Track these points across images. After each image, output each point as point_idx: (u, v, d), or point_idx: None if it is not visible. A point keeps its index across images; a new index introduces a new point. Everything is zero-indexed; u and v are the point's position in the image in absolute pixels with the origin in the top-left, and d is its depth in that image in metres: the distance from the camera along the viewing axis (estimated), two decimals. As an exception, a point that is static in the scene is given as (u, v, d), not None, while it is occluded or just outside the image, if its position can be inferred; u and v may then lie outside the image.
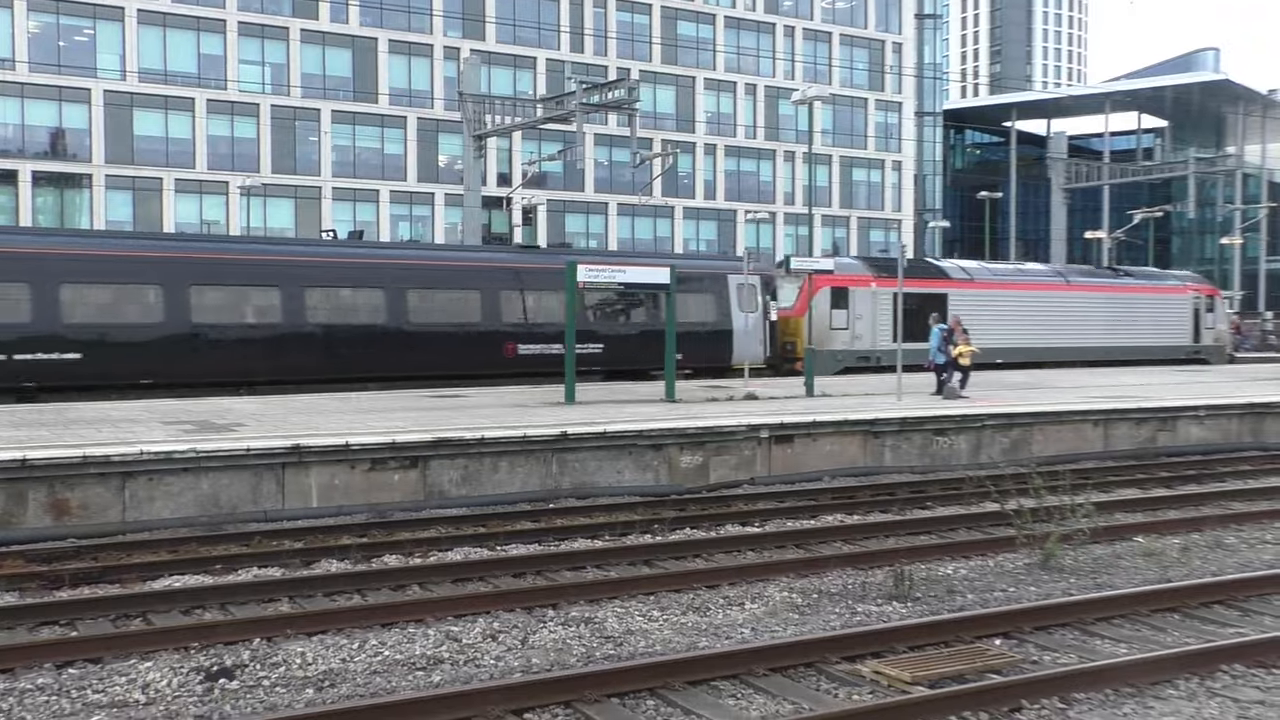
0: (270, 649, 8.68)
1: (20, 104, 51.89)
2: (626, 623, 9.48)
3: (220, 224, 55.31)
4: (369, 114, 59.33)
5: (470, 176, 36.33)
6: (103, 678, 8.05)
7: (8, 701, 7.56)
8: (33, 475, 13.07)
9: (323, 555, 11.97)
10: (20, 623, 9.37)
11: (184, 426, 15.98)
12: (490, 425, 16.54)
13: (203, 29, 55.37)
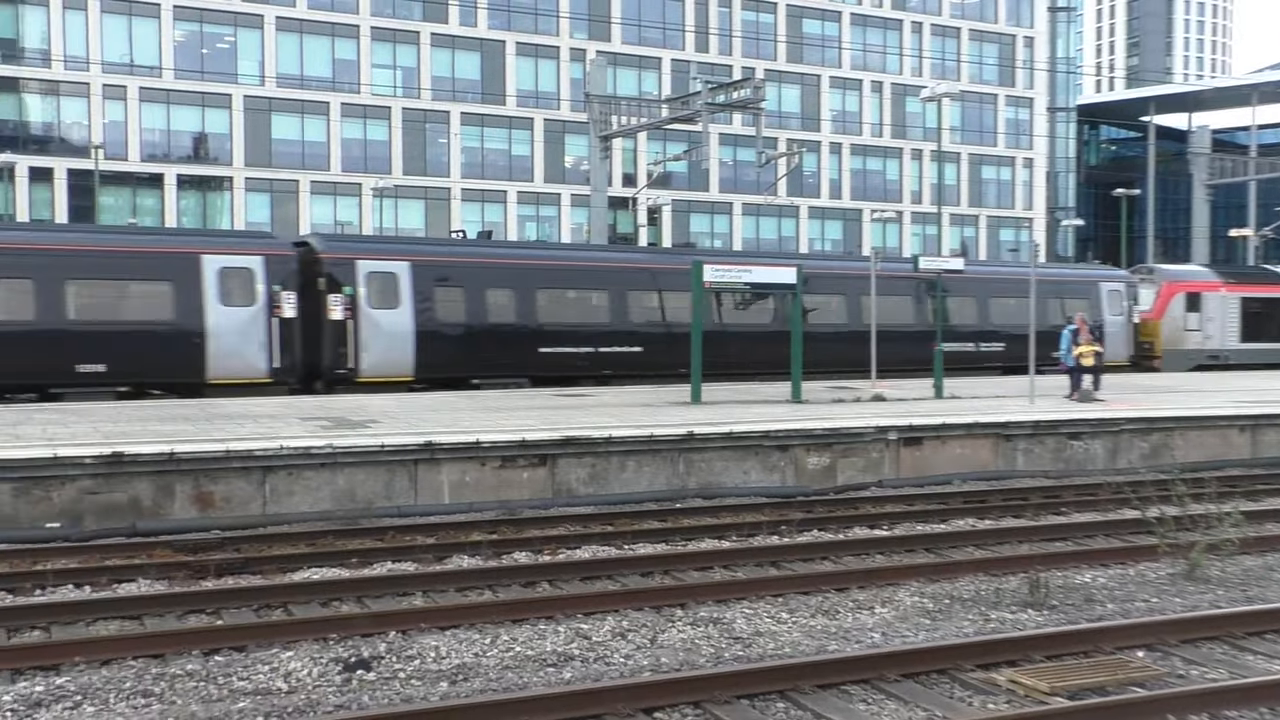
0: (405, 642, 8.85)
1: (166, 110, 53.91)
2: (755, 624, 9.44)
3: (354, 225, 56.70)
4: (497, 116, 60.20)
5: (596, 177, 36.61)
6: (247, 665, 8.30)
7: (159, 685, 7.85)
8: (180, 468, 13.57)
9: (454, 551, 12.17)
10: (169, 610, 9.72)
11: (321, 423, 16.42)
12: (617, 424, 16.64)
13: (337, 34, 56.81)
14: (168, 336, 22.26)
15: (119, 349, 21.66)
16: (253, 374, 22.79)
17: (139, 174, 53.48)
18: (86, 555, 11.80)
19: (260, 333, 22.83)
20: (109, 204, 51.36)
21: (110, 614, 9.58)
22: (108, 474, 13.30)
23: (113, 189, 51.78)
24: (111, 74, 52.40)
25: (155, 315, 22.39)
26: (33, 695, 7.60)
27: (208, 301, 22.61)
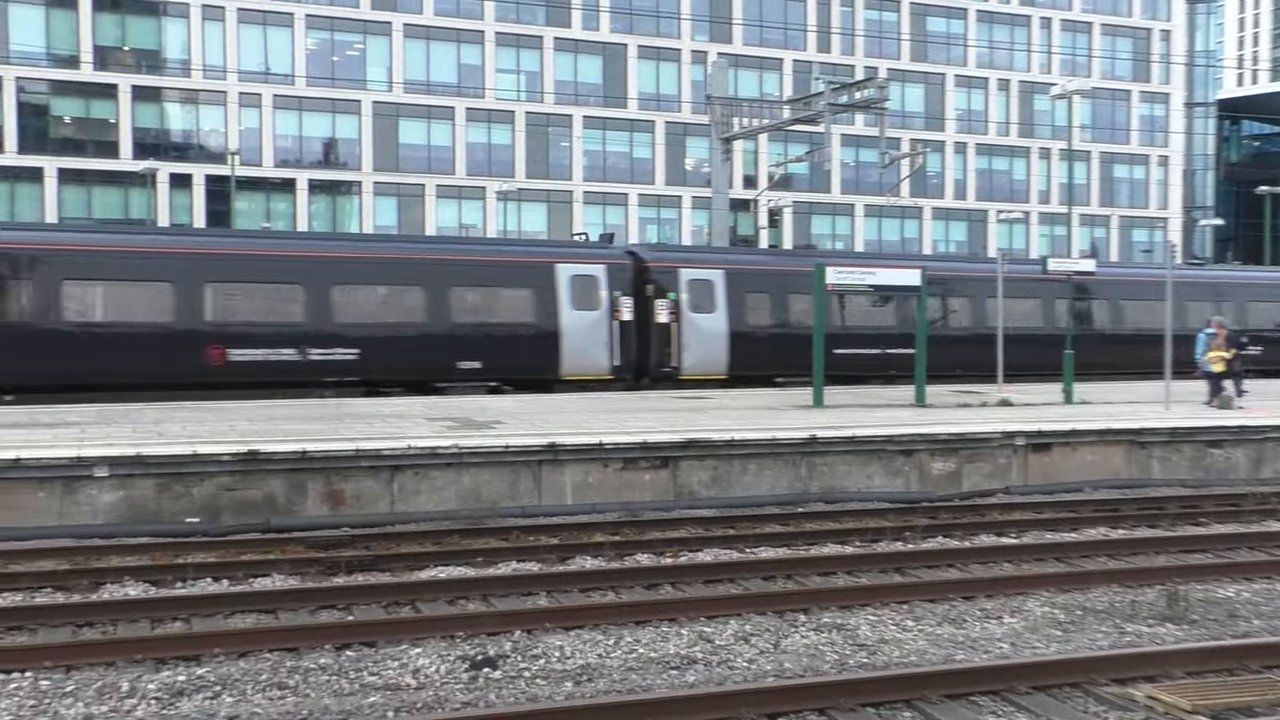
0: (530, 641, 8.94)
1: (298, 116, 55.43)
2: (880, 631, 9.32)
3: (478, 228, 57.59)
4: (618, 119, 60.55)
5: (717, 179, 36.55)
6: (377, 661, 8.48)
7: (294, 678, 8.07)
8: (312, 467, 13.93)
9: (578, 552, 12.26)
10: (303, 605, 9.98)
11: (447, 423, 16.69)
12: (738, 427, 16.59)
13: (462, 40, 57.74)
14: (530, 337, 24.61)
15: (491, 348, 24.08)
16: (597, 371, 25.04)
17: (272, 179, 55.08)
18: (224, 550, 12.18)
19: (603, 334, 25.06)
20: (244, 209, 53.01)
21: (247, 607, 9.87)
22: (244, 471, 13.72)
23: (247, 194, 53.42)
24: (247, 82, 54.07)
25: (520, 318, 24.72)
26: (175, 684, 7.87)
27: (562, 306, 24.84)
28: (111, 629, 9.26)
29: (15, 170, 50.67)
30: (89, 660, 8.31)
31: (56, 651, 8.40)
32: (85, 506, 13.19)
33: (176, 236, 26.28)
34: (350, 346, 22.99)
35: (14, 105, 50.68)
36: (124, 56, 52.80)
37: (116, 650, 8.48)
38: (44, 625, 9.26)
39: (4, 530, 12.64)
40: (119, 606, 9.76)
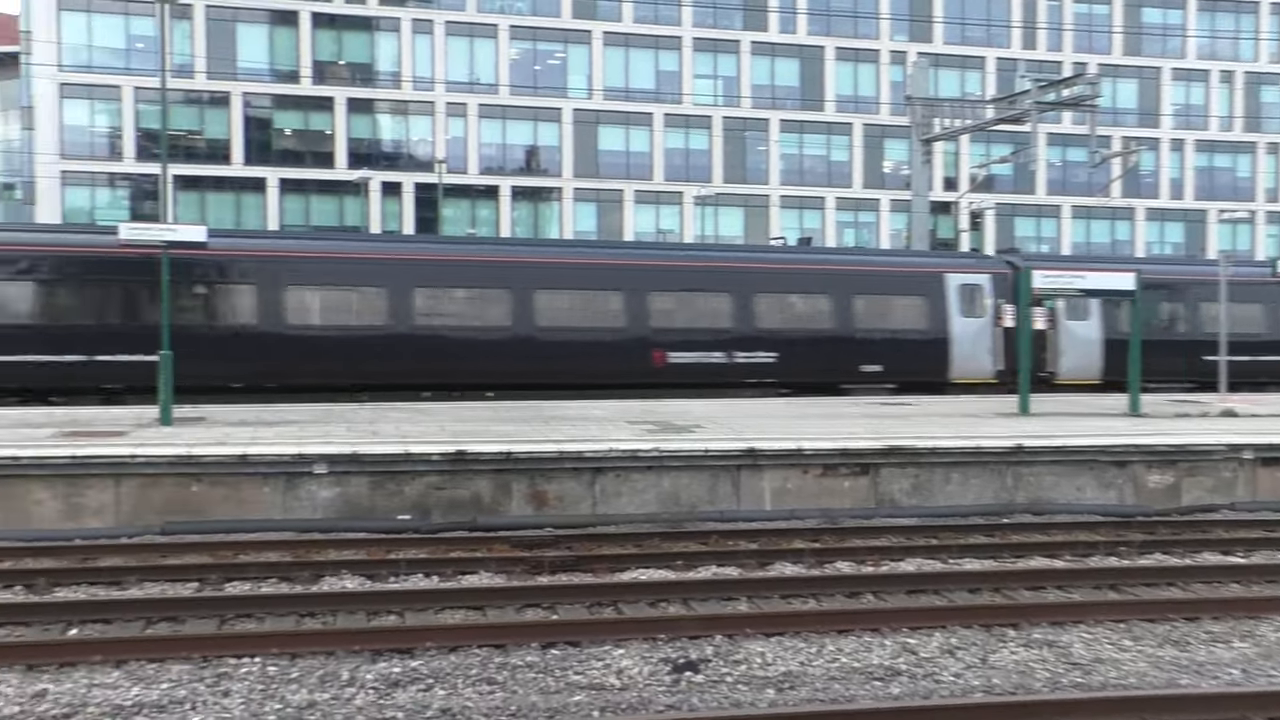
0: (731, 646, 8.95)
1: (501, 125, 56.92)
2: (1094, 650, 8.96)
3: (675, 233, 57.99)
4: (816, 121, 60.03)
5: (917, 181, 35.85)
6: (581, 660, 8.62)
7: (502, 674, 8.28)
8: (517, 467, 14.28)
9: (777, 558, 12.20)
10: (509, 603, 10.22)
11: (648, 426, 16.85)
12: (941, 435, 16.22)
13: (660, 47, 58.26)
14: (923, 342, 26.10)
15: (890, 352, 25.64)
16: (982, 375, 26.38)
17: (477, 186, 56.69)
18: (434, 547, 12.58)
19: (988, 339, 26.48)
20: (450, 215, 54.74)
21: (456, 604, 10.18)
22: (452, 471, 14.16)
23: (453, 201, 55.13)
24: (454, 93, 55.84)
25: (914, 325, 26.19)
26: (391, 675, 8.18)
27: (951, 313, 26.35)
28: (331, 620, 9.69)
29: (241, 181, 53.60)
30: (311, 649, 8.71)
31: (282, 639, 8.84)
32: (306, 501, 13.85)
33: (630, 249, 29.84)
34: (770, 350, 24.93)
35: (241, 119, 53.64)
36: (340, 70, 55.26)
37: (336, 640, 8.87)
38: (270, 614, 9.75)
39: (234, 522, 13.39)
40: (338, 598, 10.21)
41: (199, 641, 8.78)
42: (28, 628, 9.29)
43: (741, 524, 14.05)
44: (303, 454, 13.86)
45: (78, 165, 51.86)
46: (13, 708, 7.50)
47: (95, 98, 52.11)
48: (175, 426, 16.20)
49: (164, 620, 9.54)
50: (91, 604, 9.86)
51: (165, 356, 17.31)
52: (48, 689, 7.82)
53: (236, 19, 53.51)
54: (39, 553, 11.92)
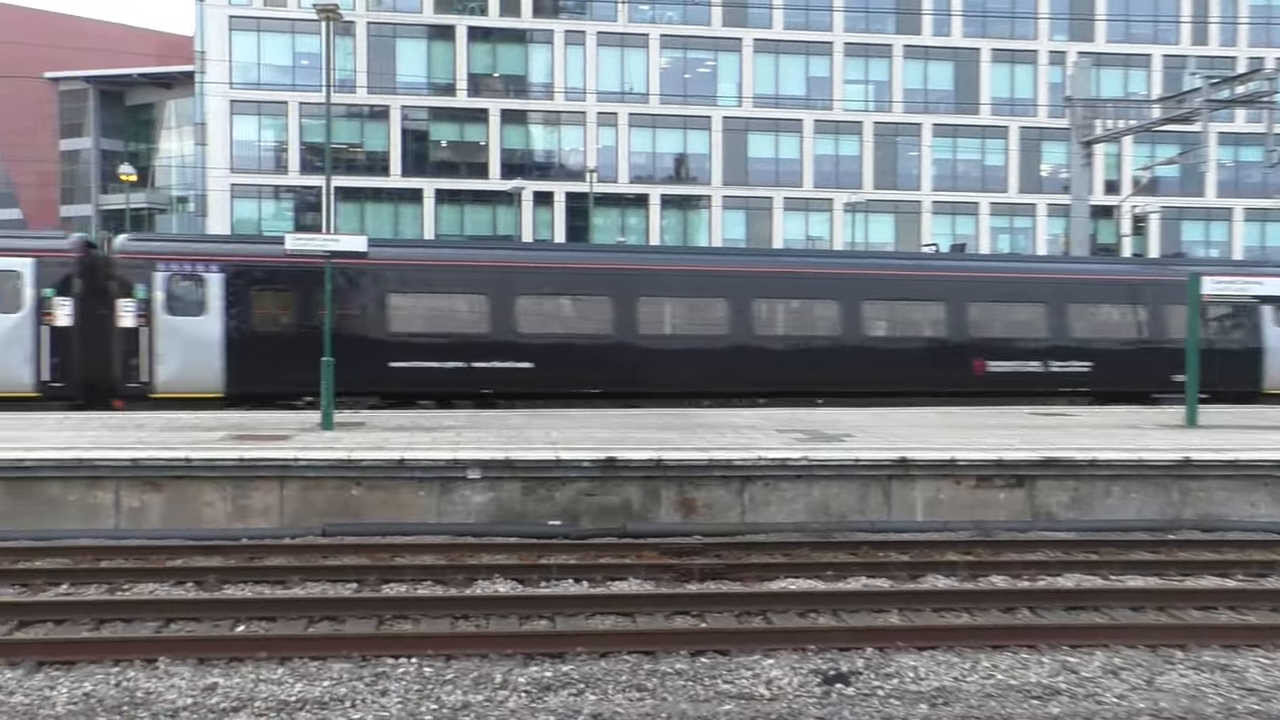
0: (883, 659, 8.81)
1: (651, 134, 57.31)
2: (1274, 676, 8.54)
3: (824, 240, 57.50)
4: (969, 125, 58.84)
5: (1077, 185, 34.81)
6: (730, 669, 8.60)
7: (651, 681, 8.31)
8: (666, 475, 14.32)
9: (929, 570, 11.96)
10: (658, 609, 10.25)
11: (797, 435, 16.73)
12: (1100, 446, 15.69)
13: (811, 53, 57.89)
14: (1234, 353, 25.62)
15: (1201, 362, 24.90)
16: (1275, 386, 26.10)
17: (626, 195, 57.18)
18: (583, 553, 12.69)
19: None
20: (600, 224, 55.34)
21: (606, 609, 10.25)
22: (602, 477, 14.28)
23: (603, 210, 55.72)
24: (605, 102, 56.46)
25: (1227, 335, 25.92)
26: (543, 679, 8.29)
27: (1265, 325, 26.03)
28: (484, 623, 9.86)
29: (399, 192, 55.15)
30: (465, 651, 8.89)
31: (437, 641, 9.04)
32: (460, 506, 14.13)
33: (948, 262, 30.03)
34: (1084, 360, 25.08)
35: (399, 132, 55.20)
36: (494, 83, 56.42)
37: (490, 643, 9.03)
38: (426, 616, 9.97)
39: (391, 525, 13.75)
40: (491, 602, 10.38)
41: (358, 641, 9.04)
42: (198, 623, 9.70)
43: (892, 535, 13.80)
44: (457, 459, 14.15)
45: (246, 178, 54.09)
46: (185, 699, 7.84)
47: (263, 114, 54.30)
48: (336, 431, 16.73)
49: (325, 619, 9.84)
50: (257, 602, 10.25)
51: (326, 363, 17.87)
52: (218, 683, 8.15)
53: (396, 35, 55.13)
54: (209, 551, 12.43)
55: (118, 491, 13.77)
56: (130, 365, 20.86)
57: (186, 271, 21.03)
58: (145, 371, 20.80)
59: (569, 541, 13.28)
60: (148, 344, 20.86)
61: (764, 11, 57.40)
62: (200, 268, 21.19)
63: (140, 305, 20.74)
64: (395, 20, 55.03)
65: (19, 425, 17.02)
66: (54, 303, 19.32)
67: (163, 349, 20.82)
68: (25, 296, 20.25)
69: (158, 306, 20.92)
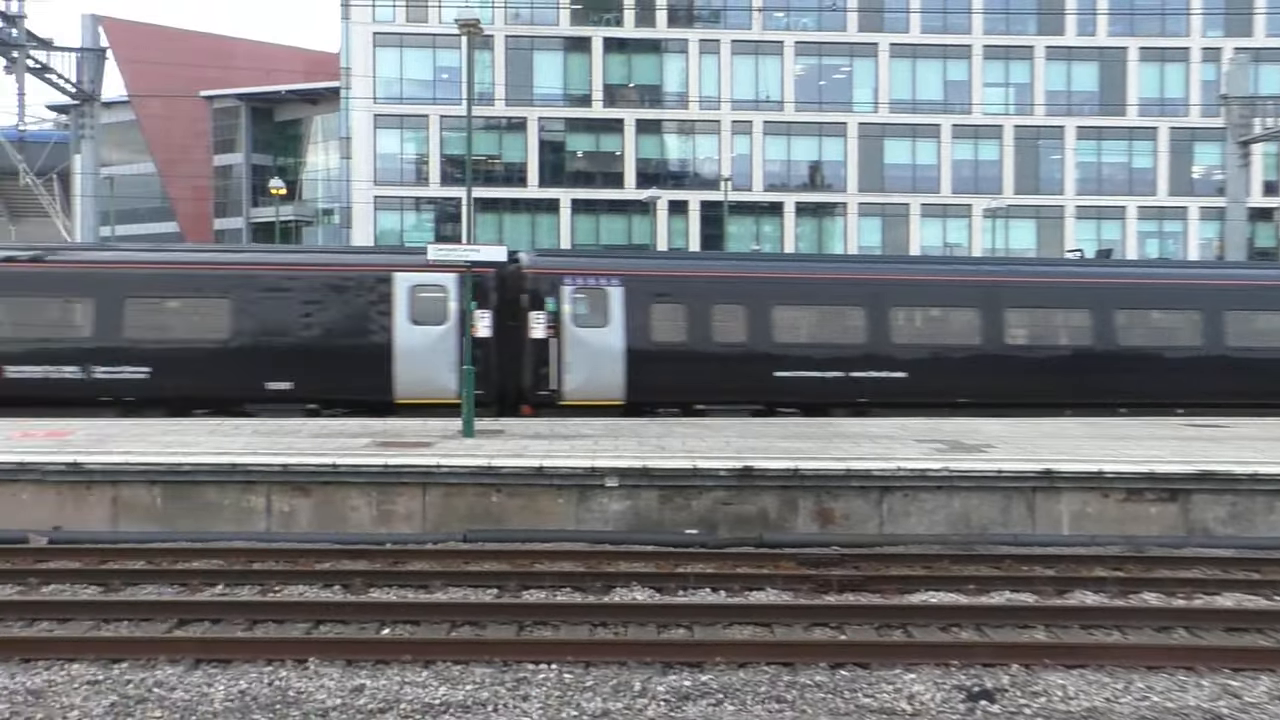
0: (1029, 677, 8.59)
1: (786, 141, 56.99)
2: None
3: (963, 246, 56.41)
4: (1116, 127, 57.06)
5: (1233, 187, 33.54)
6: (871, 683, 8.48)
7: (790, 693, 8.25)
8: (803, 484, 14.23)
9: (1076, 585, 11.62)
10: (796, 621, 10.17)
11: (936, 445, 16.43)
12: (1263, 459, 15.06)
13: (949, 56, 56.85)
14: None
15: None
16: None
17: (761, 203, 56.93)
18: (720, 562, 12.67)
19: None
20: (734, 232, 55.21)
21: (743, 620, 10.21)
22: (739, 487, 14.25)
23: (737, 218, 55.58)
24: (739, 111, 56.35)
25: None
26: (681, 688, 8.30)
27: None
28: (623, 630, 9.91)
29: (536, 202, 55.89)
30: (604, 658, 8.94)
31: (577, 648, 9.12)
32: (597, 513, 14.25)
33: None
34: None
35: (536, 143, 55.97)
36: (629, 93, 56.79)
37: (628, 651, 9.08)
38: (565, 622, 10.07)
39: (530, 532, 13.94)
40: (629, 610, 10.43)
41: (500, 646, 9.17)
42: (346, 625, 9.96)
43: (1036, 549, 13.45)
44: (595, 467, 14.27)
45: (388, 191, 55.43)
46: (335, 699, 8.05)
47: (405, 127, 55.61)
48: (477, 439, 17.01)
49: (466, 624, 10.02)
50: (402, 605, 10.48)
51: (468, 371, 18.20)
52: (365, 684, 8.35)
53: (534, 47, 55.93)
54: (355, 555, 12.76)
55: (269, 496, 14.24)
56: (540, 374, 21.55)
57: (590, 285, 21.79)
58: (554, 380, 21.51)
59: (706, 550, 13.27)
60: (556, 354, 21.53)
61: (901, 16, 56.60)
62: (603, 281, 21.91)
63: (549, 317, 21.52)
64: (533, 33, 55.83)
65: (175, 430, 17.73)
66: (475, 315, 20.22)
67: (570, 359, 21.53)
68: (451, 310, 21.25)
69: (565, 318, 21.61)
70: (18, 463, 14.33)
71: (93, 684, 8.32)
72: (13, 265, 21.69)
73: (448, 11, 51.78)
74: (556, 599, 11.09)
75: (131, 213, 65.34)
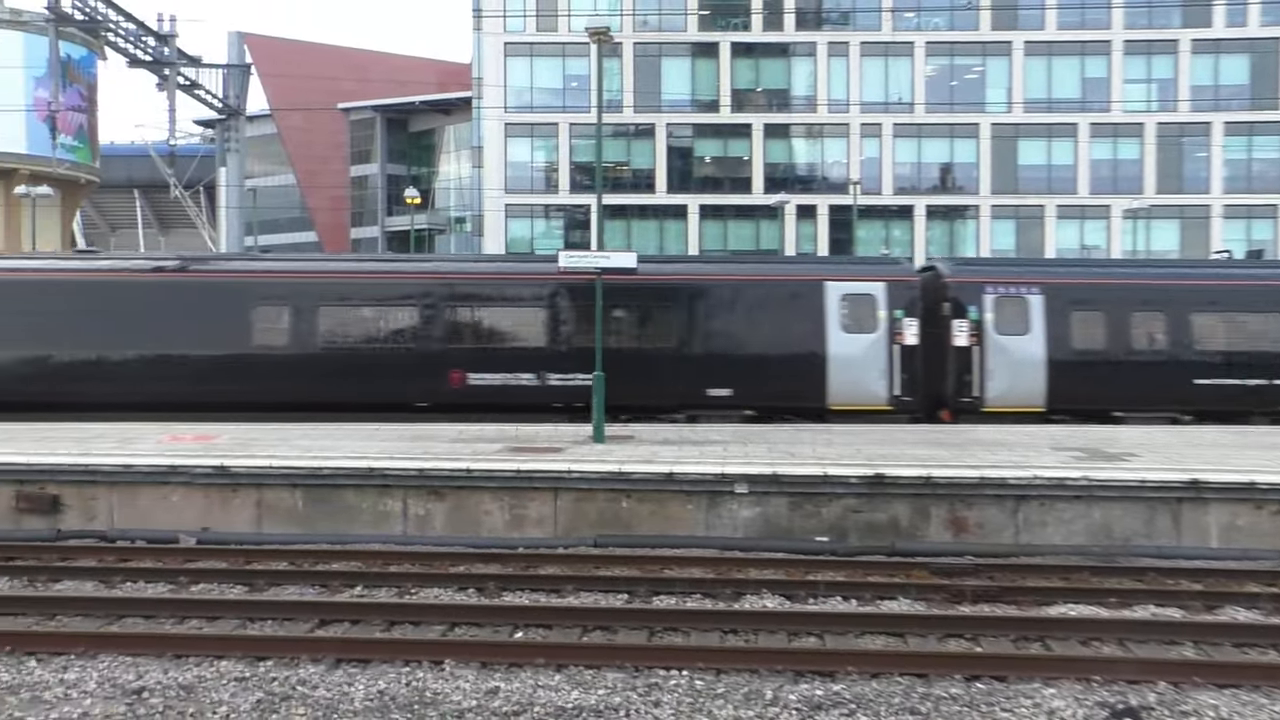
0: (1177, 695, 8.31)
1: (916, 143, 56.13)
2: None
3: (1101, 249, 54.83)
4: (1268, 122, 54.81)
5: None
6: (1008, 696, 8.30)
7: (925, 705, 8.12)
8: (935, 493, 13.99)
9: (1226, 601, 11.20)
10: (930, 631, 10.01)
11: (1074, 453, 15.99)
12: None
13: (1087, 53, 55.34)
14: None
15: None
16: None
17: (890, 206, 56.18)
18: (851, 570, 12.54)
19: None
20: (863, 236, 54.60)
21: (876, 629, 10.09)
22: (869, 494, 14.09)
23: (866, 222, 54.95)
24: (868, 113, 55.72)
25: None
26: (813, 698, 8.23)
27: None
28: (753, 638, 9.88)
29: (664, 208, 56.06)
30: (735, 666, 8.93)
31: (708, 654, 9.12)
32: (727, 520, 14.23)
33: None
34: None
35: (664, 149, 56.16)
36: (757, 98, 56.61)
37: (759, 659, 9.04)
38: (696, 629, 10.08)
39: (659, 538, 13.98)
40: (759, 617, 10.41)
41: (631, 651, 9.22)
42: (480, 628, 10.12)
43: (1182, 562, 13.00)
44: (725, 473, 14.25)
45: (518, 199, 56.21)
46: (470, 701, 8.19)
47: (535, 135, 56.33)
48: (607, 445, 17.13)
49: (598, 629, 10.10)
50: (535, 609, 10.61)
51: (598, 377, 18.34)
52: (499, 687, 8.48)
53: (662, 54, 56.14)
54: (488, 559, 12.96)
55: (405, 499, 14.56)
56: (963, 381, 21.83)
57: (1012, 294, 22.02)
58: (976, 387, 21.76)
59: (836, 558, 13.15)
60: (979, 361, 21.78)
61: (1036, 13, 55.29)
62: (1023, 290, 22.10)
63: (972, 325, 21.89)
64: (661, 39, 56.05)
65: (314, 435, 18.24)
66: (903, 323, 21.02)
67: (992, 366, 21.77)
68: (879, 318, 21.78)
69: (988, 326, 21.89)
70: (169, 466, 14.91)
71: (240, 681, 8.61)
72: None
73: (577, 21, 52.28)
74: (686, 605, 11.11)
75: (272, 223, 67.55)
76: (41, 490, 14.97)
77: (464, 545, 13.77)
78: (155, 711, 7.99)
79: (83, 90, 55.37)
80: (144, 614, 10.56)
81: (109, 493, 14.91)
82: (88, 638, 9.59)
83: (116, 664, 9.00)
